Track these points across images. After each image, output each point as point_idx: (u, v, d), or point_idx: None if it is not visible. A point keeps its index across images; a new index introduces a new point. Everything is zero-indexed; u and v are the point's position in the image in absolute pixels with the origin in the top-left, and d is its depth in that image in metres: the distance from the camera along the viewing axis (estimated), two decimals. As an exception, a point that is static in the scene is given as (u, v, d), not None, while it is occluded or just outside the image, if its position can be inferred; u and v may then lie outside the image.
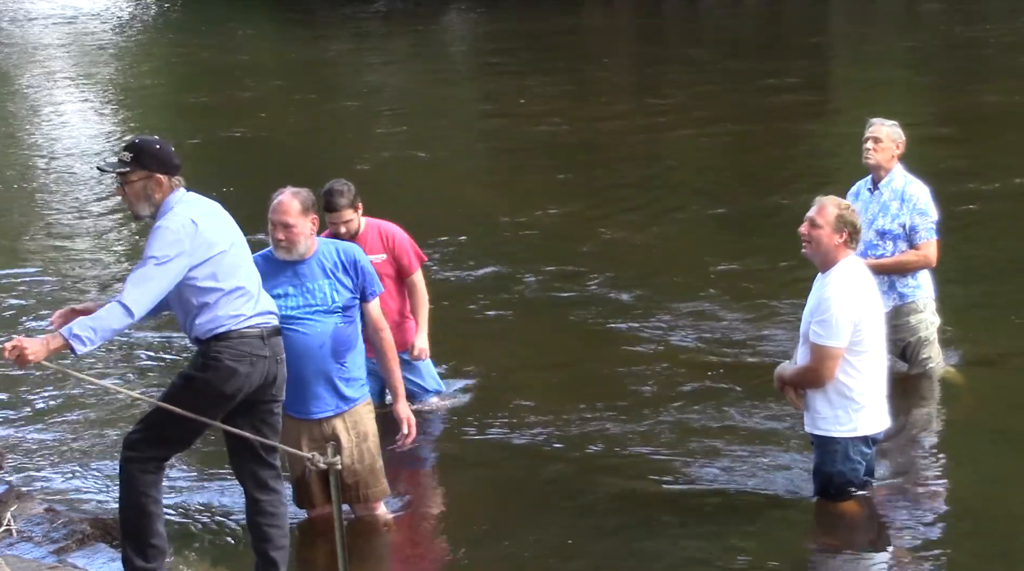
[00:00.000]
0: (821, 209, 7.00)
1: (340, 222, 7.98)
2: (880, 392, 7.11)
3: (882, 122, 8.70)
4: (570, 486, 7.65)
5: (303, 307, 6.68)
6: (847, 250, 6.99)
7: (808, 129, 17.69)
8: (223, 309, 6.02)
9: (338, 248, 6.83)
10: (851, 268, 7.02)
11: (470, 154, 17.69)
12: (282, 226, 6.62)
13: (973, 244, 11.63)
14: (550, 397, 8.87)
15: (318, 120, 19.76)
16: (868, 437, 7.09)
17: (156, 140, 6.18)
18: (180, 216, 5.98)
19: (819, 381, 6.92)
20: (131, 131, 19.27)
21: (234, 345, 6.02)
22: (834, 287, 6.90)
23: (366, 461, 6.88)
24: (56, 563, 6.40)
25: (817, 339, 6.88)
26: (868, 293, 7.06)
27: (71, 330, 5.76)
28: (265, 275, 6.62)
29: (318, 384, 6.73)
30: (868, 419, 7.05)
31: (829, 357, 6.87)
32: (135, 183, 6.03)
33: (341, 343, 6.74)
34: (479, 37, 29.80)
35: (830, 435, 7.01)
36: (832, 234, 6.94)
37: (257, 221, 7.07)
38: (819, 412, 7.02)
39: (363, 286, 6.82)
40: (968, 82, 20.28)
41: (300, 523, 7.09)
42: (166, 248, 5.89)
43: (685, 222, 13.36)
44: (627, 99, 20.51)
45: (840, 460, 7.03)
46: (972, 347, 9.29)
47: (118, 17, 34.08)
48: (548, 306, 10.80)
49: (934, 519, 7.22)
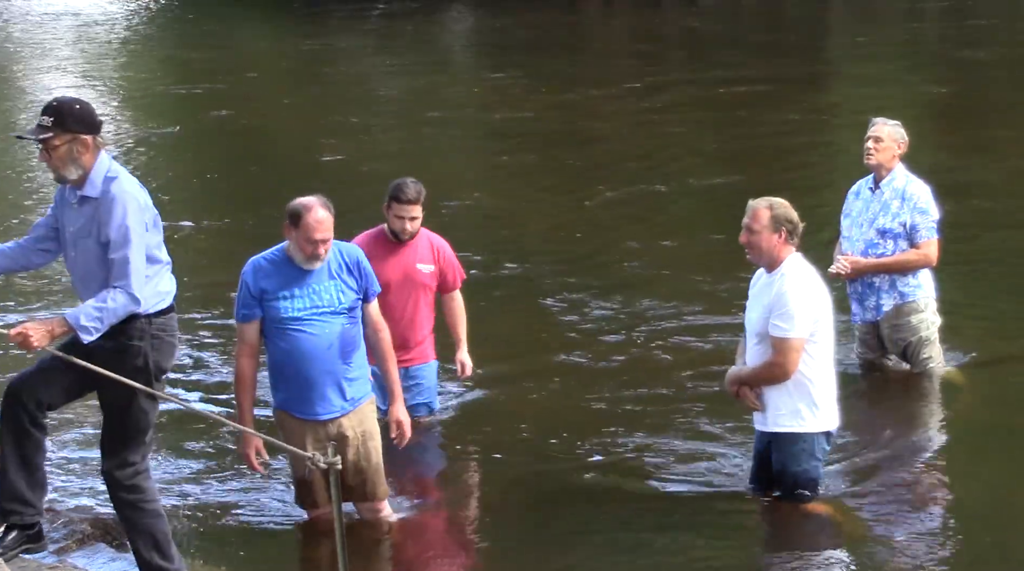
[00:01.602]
0: (754, 214, 6.98)
1: (408, 217, 7.84)
2: (834, 388, 7.08)
3: (884, 121, 8.70)
4: (570, 487, 7.64)
5: (310, 308, 6.65)
6: (789, 246, 6.98)
7: (811, 128, 17.71)
8: (164, 284, 5.92)
9: (340, 249, 6.81)
10: (799, 263, 7.01)
11: (470, 154, 17.67)
12: (323, 242, 6.58)
13: (974, 243, 11.61)
14: (549, 398, 8.87)
15: (317, 120, 19.74)
16: (830, 433, 7.08)
17: (75, 99, 5.92)
18: (132, 183, 5.82)
19: (785, 374, 6.88)
20: (126, 123, 19.32)
21: (169, 320, 5.93)
22: (789, 282, 6.90)
23: (372, 460, 6.86)
24: (56, 563, 6.39)
25: (780, 332, 6.85)
26: (821, 286, 7.06)
27: (78, 320, 5.68)
28: (271, 277, 6.64)
29: (325, 385, 6.70)
30: (830, 413, 7.04)
31: (793, 349, 6.85)
32: (60, 147, 5.75)
33: (347, 344, 6.73)
34: (479, 36, 29.79)
35: (794, 431, 6.96)
36: (770, 236, 6.94)
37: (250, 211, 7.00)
38: (780, 408, 6.96)
39: (365, 287, 6.81)
40: (968, 81, 20.31)
41: (301, 523, 7.09)
42: (140, 218, 5.75)
43: (686, 223, 13.35)
44: (627, 99, 20.48)
45: (807, 458, 6.98)
46: (973, 347, 9.27)
47: (118, 17, 34.09)
48: (544, 305, 10.78)
49: (934, 519, 7.22)
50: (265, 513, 7.34)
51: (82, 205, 5.85)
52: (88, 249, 5.84)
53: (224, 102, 21.29)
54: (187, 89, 22.94)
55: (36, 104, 22.67)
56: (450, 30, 30.45)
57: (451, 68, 25.27)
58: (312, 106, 20.94)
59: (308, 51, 27.49)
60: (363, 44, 27.99)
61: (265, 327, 6.71)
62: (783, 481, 7.07)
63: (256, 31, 31.16)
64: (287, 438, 6.71)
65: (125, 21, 33.42)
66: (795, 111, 18.39)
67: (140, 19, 34.14)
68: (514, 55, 25.39)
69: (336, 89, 22.41)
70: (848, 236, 8.78)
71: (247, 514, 7.34)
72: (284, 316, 6.63)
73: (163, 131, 19.33)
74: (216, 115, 20.16)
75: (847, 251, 8.72)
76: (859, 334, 8.92)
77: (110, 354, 5.81)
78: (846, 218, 8.86)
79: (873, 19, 28.09)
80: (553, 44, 26.57)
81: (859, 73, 21.93)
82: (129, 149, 18.05)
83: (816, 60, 24.19)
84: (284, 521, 7.24)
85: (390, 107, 21.04)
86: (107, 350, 5.81)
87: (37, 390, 5.96)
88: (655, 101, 19.78)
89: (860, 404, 8.94)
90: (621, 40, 28.61)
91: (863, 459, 8.01)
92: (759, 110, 18.29)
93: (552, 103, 19.62)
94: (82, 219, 5.85)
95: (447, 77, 23.45)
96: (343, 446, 6.69)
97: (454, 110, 20.03)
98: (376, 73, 24.22)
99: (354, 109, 20.45)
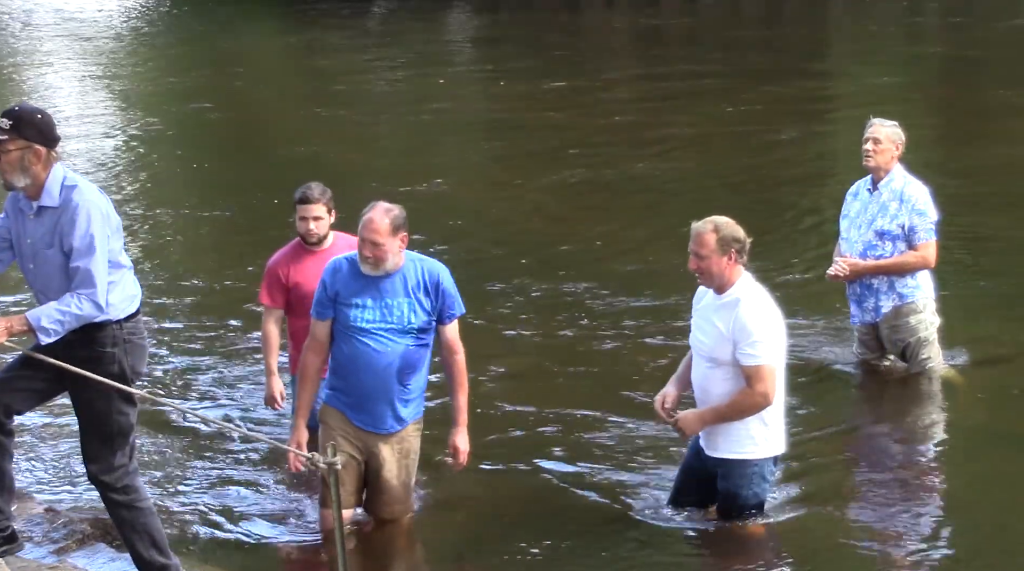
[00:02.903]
0: (700, 240, 6.69)
1: (310, 217, 7.51)
2: (783, 410, 6.83)
3: (882, 122, 8.68)
4: (570, 487, 7.63)
5: (378, 322, 6.55)
6: (739, 267, 6.71)
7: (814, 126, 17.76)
8: (130, 288, 5.88)
9: (423, 266, 6.65)
10: (751, 285, 6.74)
11: (468, 153, 17.67)
12: (371, 244, 6.48)
13: (973, 243, 11.61)
14: (547, 399, 8.84)
15: (315, 120, 19.76)
16: (777, 457, 6.86)
17: (37, 109, 5.84)
18: (92, 191, 5.77)
19: (767, 402, 6.60)
20: (124, 121, 19.32)
21: (138, 324, 5.90)
22: (748, 308, 6.62)
23: (403, 478, 6.80)
24: (56, 563, 6.39)
25: (755, 361, 6.57)
26: (775, 306, 6.78)
27: (39, 320, 5.63)
28: (347, 281, 6.55)
29: (379, 402, 6.63)
30: (780, 436, 6.81)
31: (769, 375, 6.59)
32: (12, 153, 5.67)
33: (409, 365, 6.62)
34: (479, 36, 29.78)
35: (745, 457, 6.74)
36: (720, 259, 6.65)
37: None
38: (731, 434, 6.71)
39: (441, 308, 6.66)
40: (966, 81, 20.30)
41: (302, 527, 7.09)
42: (102, 226, 5.70)
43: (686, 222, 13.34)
44: (626, 99, 20.49)
45: (756, 482, 6.79)
46: (972, 347, 9.27)
47: (112, 14, 34.06)
48: (542, 305, 10.79)
49: (932, 519, 7.22)
50: (265, 516, 7.34)
51: (40, 215, 5.78)
52: (48, 259, 5.78)
53: (218, 97, 21.41)
54: (181, 84, 23.04)
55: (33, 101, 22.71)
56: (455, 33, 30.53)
57: (451, 71, 25.29)
58: (308, 105, 21.00)
59: (308, 51, 27.51)
60: (363, 43, 27.99)
61: (335, 326, 6.64)
62: (733, 505, 6.85)
63: (251, 28, 31.18)
64: (326, 432, 6.65)
65: (120, 18, 33.41)
66: (797, 110, 18.46)
67: (135, 16, 34.11)
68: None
69: (335, 89, 22.42)
70: (847, 237, 8.78)
71: (247, 516, 7.34)
72: (352, 324, 6.56)
73: (156, 126, 19.41)
74: (208, 109, 20.35)
75: (846, 253, 8.72)
76: (858, 335, 8.93)
77: (83, 364, 5.76)
78: (844, 219, 8.85)
79: (871, 19, 28.10)
80: (554, 44, 26.61)
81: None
82: (124, 142, 18.13)
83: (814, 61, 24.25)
84: (285, 524, 7.24)
85: (390, 106, 21.07)
86: (80, 359, 5.76)
87: (2, 396, 5.92)
88: (656, 101, 19.86)
89: (859, 404, 8.98)
90: (622, 40, 28.63)
91: (862, 459, 8.03)
92: (764, 111, 18.36)
93: (552, 105, 19.73)
94: (41, 229, 5.79)
95: (447, 78, 23.50)
96: (379, 460, 6.68)
97: (456, 114, 20.13)
98: (368, 69, 24.29)
99: (353, 108, 20.49)
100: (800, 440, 7.99)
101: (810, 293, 10.41)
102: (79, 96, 22.39)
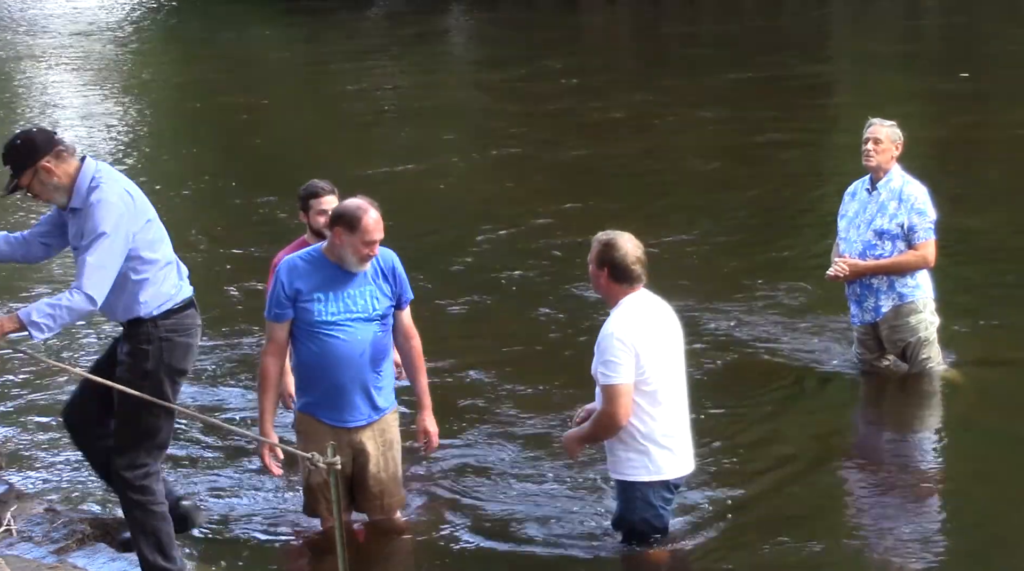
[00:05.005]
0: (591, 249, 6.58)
1: (328, 208, 7.28)
2: (679, 433, 6.59)
3: (881, 122, 8.69)
4: (570, 489, 7.64)
5: (343, 313, 6.53)
6: (621, 287, 6.49)
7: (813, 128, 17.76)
8: (165, 284, 5.92)
9: (377, 255, 6.65)
10: (630, 304, 6.52)
11: (466, 153, 17.67)
12: (376, 243, 6.49)
13: (972, 243, 11.62)
14: (546, 400, 8.86)
15: (314, 121, 19.80)
16: (669, 482, 6.58)
17: (14, 135, 5.93)
18: (113, 188, 5.82)
19: (617, 423, 6.40)
20: (126, 116, 19.34)
21: (181, 319, 5.94)
22: (610, 324, 6.48)
23: (391, 470, 6.78)
24: (56, 563, 6.39)
25: (605, 380, 6.41)
26: (650, 326, 6.50)
27: (30, 316, 5.66)
28: (306, 277, 6.52)
29: (355, 393, 6.60)
30: (667, 462, 6.54)
31: (620, 395, 6.39)
32: (32, 185, 5.84)
33: (379, 351, 6.61)
34: (478, 37, 29.79)
35: (628, 479, 6.58)
36: (597, 272, 6.50)
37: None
38: (616, 455, 6.58)
39: (399, 293, 6.69)
40: (966, 78, 20.32)
41: (303, 530, 7.08)
42: (113, 222, 5.74)
43: (687, 223, 13.34)
44: (626, 99, 20.49)
45: (641, 507, 6.60)
46: (972, 347, 9.28)
47: (114, 13, 34.09)
48: (537, 305, 10.79)
49: (932, 519, 7.22)
50: (266, 518, 7.34)
51: (74, 216, 5.91)
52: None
53: (218, 96, 21.41)
54: (181, 82, 23.06)
55: (36, 103, 22.72)
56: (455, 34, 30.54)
57: (451, 71, 25.33)
58: (307, 105, 21.04)
59: (308, 52, 27.54)
60: (361, 45, 28.01)
61: (295, 328, 6.57)
62: (622, 528, 6.73)
63: (251, 29, 31.20)
64: (307, 442, 6.55)
65: (120, 17, 33.43)
66: (799, 110, 18.47)
67: (138, 16, 34.14)
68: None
69: (334, 89, 22.44)
70: (846, 237, 8.78)
71: (247, 518, 7.33)
72: (317, 319, 6.51)
73: (156, 124, 19.44)
74: (208, 109, 20.31)
75: (845, 253, 8.73)
76: (858, 335, 8.93)
77: (125, 358, 5.91)
78: (843, 219, 8.86)
79: (871, 19, 28.11)
80: (554, 44, 26.61)
81: (858, 73, 22.02)
82: (124, 142, 18.13)
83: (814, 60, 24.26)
84: (285, 526, 7.23)
85: (389, 105, 21.09)
86: (123, 354, 5.93)
87: (87, 405, 6.20)
88: (655, 102, 19.87)
89: (859, 405, 8.97)
90: (622, 40, 28.63)
91: (862, 459, 8.03)
92: (764, 110, 18.36)
93: (551, 104, 19.77)
94: (74, 229, 5.91)
95: (446, 78, 23.53)
96: (364, 455, 6.65)
97: (455, 114, 20.17)
98: (367, 68, 24.32)
99: (352, 109, 20.50)
100: (800, 440, 8.00)
101: (810, 294, 10.42)
102: (80, 96, 22.42)
